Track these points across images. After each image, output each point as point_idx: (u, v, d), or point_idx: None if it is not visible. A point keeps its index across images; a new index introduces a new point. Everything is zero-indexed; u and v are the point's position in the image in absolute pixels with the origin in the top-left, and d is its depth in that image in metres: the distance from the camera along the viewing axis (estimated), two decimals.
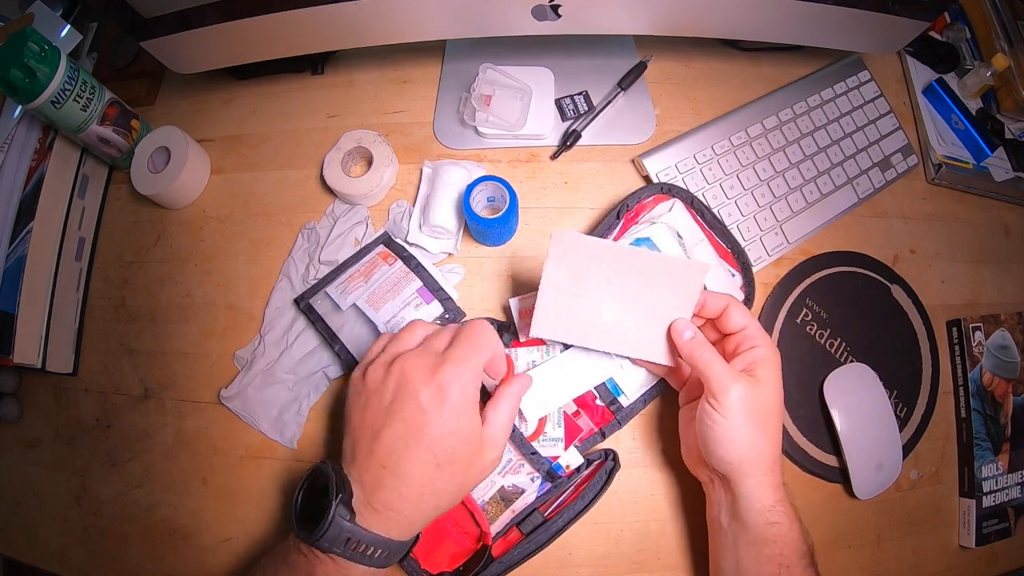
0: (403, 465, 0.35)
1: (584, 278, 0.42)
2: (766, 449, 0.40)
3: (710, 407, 0.40)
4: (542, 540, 0.45)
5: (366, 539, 0.34)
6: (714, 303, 0.43)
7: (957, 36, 0.68)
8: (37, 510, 0.55)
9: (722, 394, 0.39)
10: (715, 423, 0.39)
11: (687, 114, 0.61)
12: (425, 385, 0.35)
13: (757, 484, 0.39)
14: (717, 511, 0.43)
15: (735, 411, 0.39)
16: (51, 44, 0.51)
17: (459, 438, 0.35)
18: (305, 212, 0.58)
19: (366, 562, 0.35)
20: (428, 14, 0.50)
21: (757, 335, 0.41)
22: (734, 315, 0.42)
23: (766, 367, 0.40)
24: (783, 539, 0.39)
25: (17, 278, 0.53)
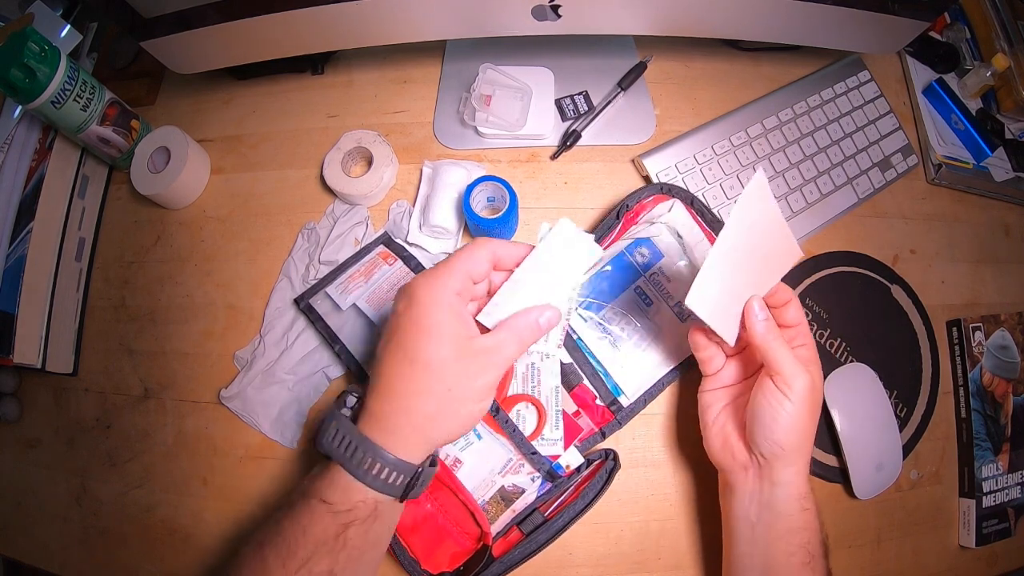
0: (382, 366, 0.36)
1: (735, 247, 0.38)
2: (811, 437, 0.41)
3: (779, 391, 0.39)
4: (542, 540, 0.45)
5: (352, 436, 0.34)
6: (783, 293, 0.43)
7: (957, 36, 0.68)
8: (37, 510, 0.55)
9: (793, 379, 0.39)
10: (781, 406, 0.39)
11: (687, 114, 0.61)
12: (402, 295, 0.37)
13: (798, 472, 0.40)
14: (747, 504, 0.42)
15: (801, 397, 0.39)
16: (51, 44, 0.51)
17: (429, 335, 0.35)
18: (305, 212, 0.58)
19: (356, 471, 0.34)
20: (428, 14, 0.50)
21: (807, 336, 0.42)
22: (792, 310, 0.42)
23: (813, 366, 0.41)
24: (811, 526, 0.40)
25: (17, 278, 0.53)
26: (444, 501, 0.47)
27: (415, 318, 0.35)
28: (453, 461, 0.47)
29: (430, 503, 0.47)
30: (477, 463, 0.47)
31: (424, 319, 0.35)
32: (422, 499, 0.47)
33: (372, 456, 0.34)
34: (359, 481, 0.34)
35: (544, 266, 0.40)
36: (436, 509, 0.47)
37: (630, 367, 0.50)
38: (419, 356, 0.35)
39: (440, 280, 0.36)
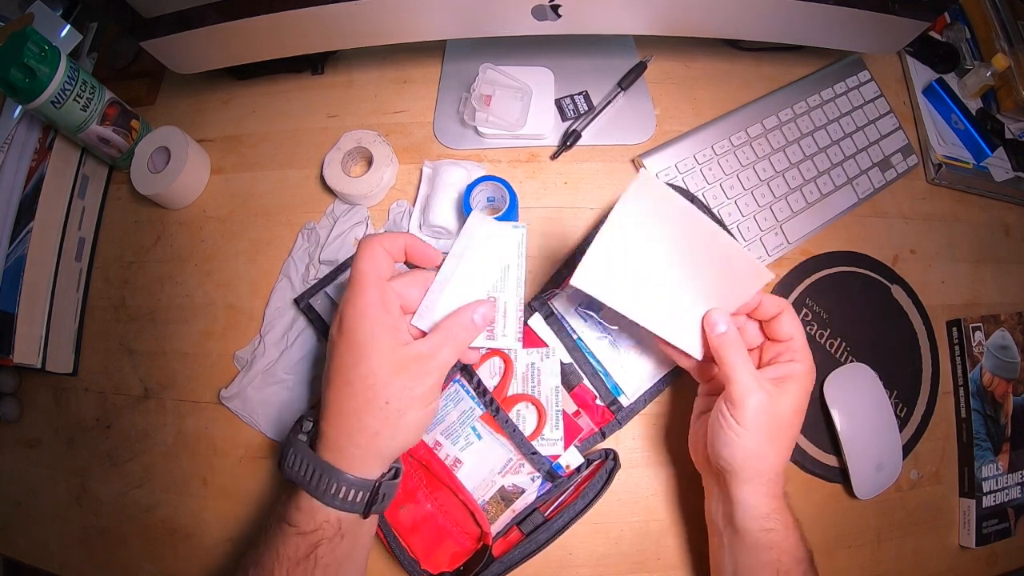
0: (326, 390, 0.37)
1: (648, 237, 0.39)
2: (772, 460, 0.39)
3: (725, 409, 0.39)
4: (542, 540, 0.45)
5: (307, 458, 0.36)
6: (770, 305, 0.41)
7: (957, 36, 0.68)
8: (37, 510, 0.55)
9: (741, 400, 0.38)
10: (727, 425, 0.39)
11: (687, 114, 0.61)
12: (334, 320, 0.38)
13: (754, 491, 0.39)
14: (714, 511, 0.43)
15: (748, 418, 0.38)
16: (51, 44, 0.50)
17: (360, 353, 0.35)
18: (305, 212, 0.58)
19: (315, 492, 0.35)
20: (428, 14, 0.50)
21: (800, 350, 0.41)
22: (785, 322, 0.41)
23: (797, 384, 0.40)
24: (779, 546, 0.38)
25: (17, 278, 0.53)
26: (444, 501, 0.47)
27: (346, 339, 0.36)
28: (453, 461, 0.47)
29: (430, 503, 0.47)
30: (477, 463, 0.47)
31: (353, 338, 0.36)
32: (422, 499, 0.47)
33: (329, 477, 0.35)
34: (320, 502, 0.35)
35: (467, 259, 0.40)
36: (436, 509, 0.47)
37: (630, 367, 0.50)
38: (353, 376, 0.36)
39: (359, 295, 0.36)
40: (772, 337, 0.42)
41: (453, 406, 0.48)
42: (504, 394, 0.49)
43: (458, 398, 0.48)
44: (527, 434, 0.47)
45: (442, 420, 0.48)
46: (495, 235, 0.41)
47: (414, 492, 0.47)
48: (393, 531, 0.45)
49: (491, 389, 0.48)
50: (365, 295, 0.36)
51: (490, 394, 0.47)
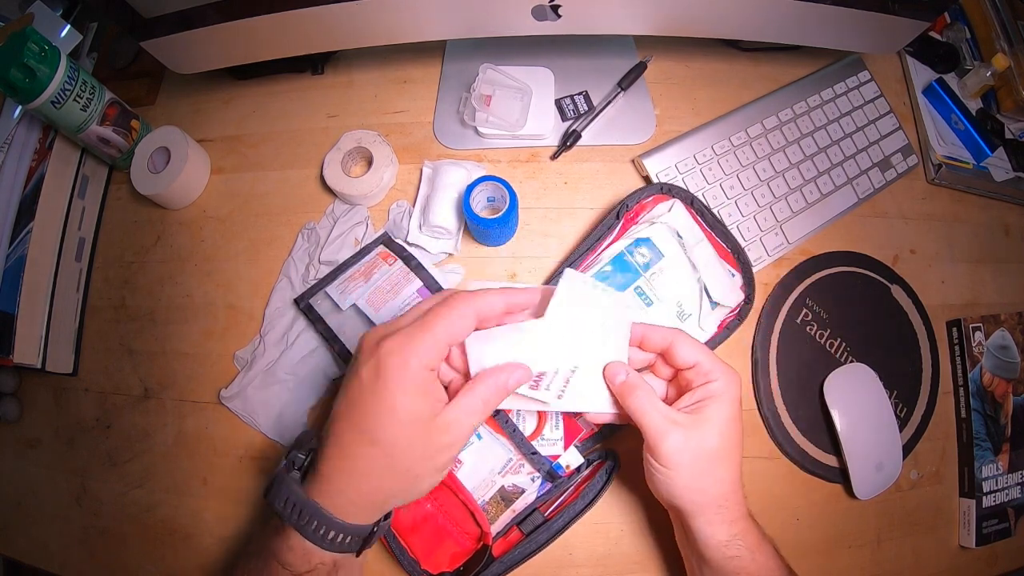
0: (343, 439, 0.34)
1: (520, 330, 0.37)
2: (712, 491, 0.38)
3: (648, 455, 0.38)
4: (542, 540, 0.45)
5: (302, 503, 0.33)
6: (655, 337, 0.39)
7: (957, 36, 0.68)
8: (37, 510, 0.55)
9: (657, 443, 0.37)
10: (655, 471, 0.38)
11: (687, 114, 0.61)
12: (369, 358, 0.33)
13: (707, 522, 0.38)
14: (681, 542, 0.43)
15: (672, 460, 0.37)
16: (51, 44, 0.51)
17: (396, 417, 0.32)
18: (305, 212, 0.58)
19: (312, 537, 0.33)
20: (428, 14, 0.50)
21: (712, 367, 0.38)
22: (681, 350, 0.39)
23: (717, 403, 0.37)
24: (745, 570, 0.37)
25: (17, 278, 0.53)
26: (444, 501, 0.47)
27: (380, 395, 0.32)
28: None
29: (430, 503, 0.47)
30: (477, 463, 0.47)
31: (391, 399, 0.32)
32: (422, 499, 0.47)
33: (326, 524, 0.33)
34: (315, 545, 0.33)
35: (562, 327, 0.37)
36: (436, 509, 0.47)
37: None
38: (380, 439, 0.33)
39: (415, 350, 0.33)
40: (676, 367, 0.40)
41: None
42: None
43: None
44: (527, 434, 0.47)
45: None
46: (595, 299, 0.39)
47: None
48: (393, 531, 0.45)
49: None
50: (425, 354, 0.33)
51: None
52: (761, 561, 0.38)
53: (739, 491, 0.39)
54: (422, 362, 0.33)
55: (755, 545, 0.38)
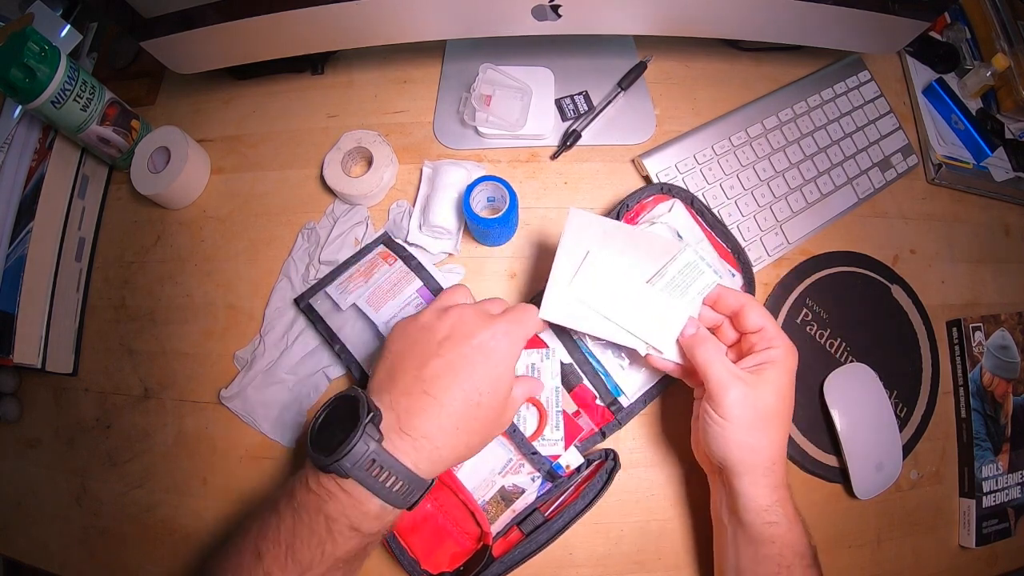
0: (449, 393, 0.36)
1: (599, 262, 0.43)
2: (763, 450, 0.40)
3: (708, 406, 0.40)
4: (542, 540, 0.45)
5: (388, 464, 0.33)
6: (730, 299, 0.43)
7: (957, 36, 0.68)
8: (37, 510, 0.55)
9: (719, 395, 0.39)
10: (713, 422, 0.40)
11: (687, 114, 0.61)
12: (484, 329, 0.37)
13: (752, 483, 0.39)
14: (718, 505, 0.43)
15: (731, 413, 0.39)
16: (51, 44, 0.50)
17: (498, 385, 0.37)
18: (305, 212, 0.58)
19: (384, 494, 0.34)
20: (428, 14, 0.50)
21: (775, 336, 0.41)
22: (751, 314, 0.42)
23: (776, 368, 0.40)
24: (781, 539, 0.39)
25: (17, 278, 0.53)
26: (444, 501, 0.47)
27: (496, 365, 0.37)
28: None
29: (430, 503, 0.47)
30: (477, 463, 0.47)
31: (500, 370, 0.37)
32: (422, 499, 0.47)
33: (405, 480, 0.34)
34: (391, 505, 0.35)
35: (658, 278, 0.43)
36: (436, 509, 0.47)
37: (630, 367, 0.50)
38: (488, 402, 0.37)
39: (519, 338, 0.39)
40: (742, 330, 0.43)
41: None
42: None
43: None
44: (527, 434, 0.47)
45: None
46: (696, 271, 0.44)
47: None
48: (393, 531, 0.45)
49: None
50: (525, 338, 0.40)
51: None
52: (795, 535, 0.39)
53: (784, 460, 0.41)
54: (520, 349, 0.39)
55: (792, 516, 0.40)
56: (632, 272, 0.43)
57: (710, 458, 0.42)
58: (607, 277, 0.43)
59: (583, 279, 0.43)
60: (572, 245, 0.44)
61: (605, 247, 0.44)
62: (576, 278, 0.43)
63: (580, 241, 0.44)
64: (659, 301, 0.43)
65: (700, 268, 0.43)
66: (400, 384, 0.36)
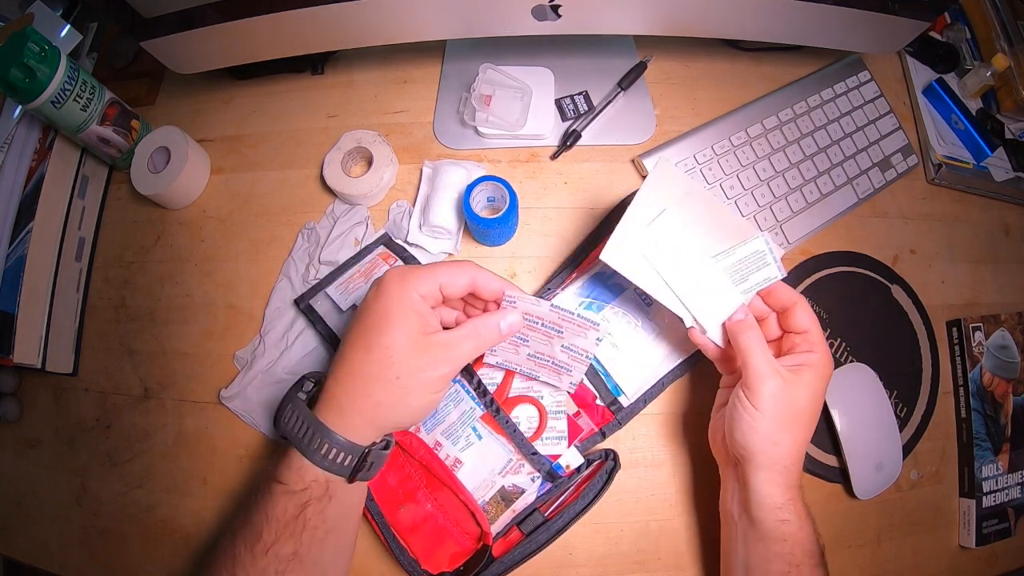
0: (342, 350, 0.38)
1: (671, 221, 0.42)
2: (787, 447, 0.40)
3: (742, 394, 0.40)
4: (542, 540, 0.45)
5: (303, 417, 0.36)
6: (783, 295, 0.43)
7: (957, 36, 0.68)
8: (37, 510, 0.55)
9: (756, 383, 0.39)
10: (743, 409, 0.40)
11: (687, 114, 0.61)
12: (373, 286, 0.39)
13: (768, 479, 0.39)
14: (729, 500, 0.43)
15: (765, 403, 0.39)
16: (51, 44, 0.50)
17: (387, 324, 0.37)
18: (305, 212, 0.58)
19: (306, 451, 0.36)
20: (428, 14, 0.50)
21: (817, 341, 0.41)
22: (800, 315, 0.42)
23: (813, 372, 0.40)
24: (792, 538, 0.39)
25: (17, 278, 0.53)
26: (444, 501, 0.47)
27: (379, 308, 0.37)
28: (453, 461, 0.47)
29: (430, 503, 0.47)
30: (477, 463, 0.47)
31: (385, 309, 0.37)
32: (422, 499, 0.47)
33: (321, 437, 0.36)
34: (309, 460, 0.36)
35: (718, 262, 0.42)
36: (436, 509, 0.47)
37: (630, 367, 0.50)
38: (374, 343, 0.37)
39: (411, 279, 0.38)
40: (788, 329, 0.43)
41: (454, 406, 0.48)
42: (505, 395, 0.49)
43: (459, 398, 0.48)
44: (527, 435, 0.47)
45: (442, 420, 0.48)
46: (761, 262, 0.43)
47: (414, 492, 0.47)
48: (393, 531, 0.45)
49: (491, 390, 0.48)
50: (419, 282, 0.38)
51: (491, 395, 0.47)
52: (805, 534, 0.39)
53: (801, 463, 0.41)
54: (416, 288, 0.38)
55: (803, 516, 0.40)
56: (701, 243, 0.43)
57: (730, 448, 0.42)
58: (675, 240, 0.42)
59: (652, 234, 0.42)
60: (651, 196, 0.43)
61: (682, 208, 0.43)
62: (646, 230, 0.42)
63: (660, 194, 0.43)
64: (718, 280, 0.42)
65: (767, 259, 0.42)
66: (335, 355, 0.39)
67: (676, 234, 0.43)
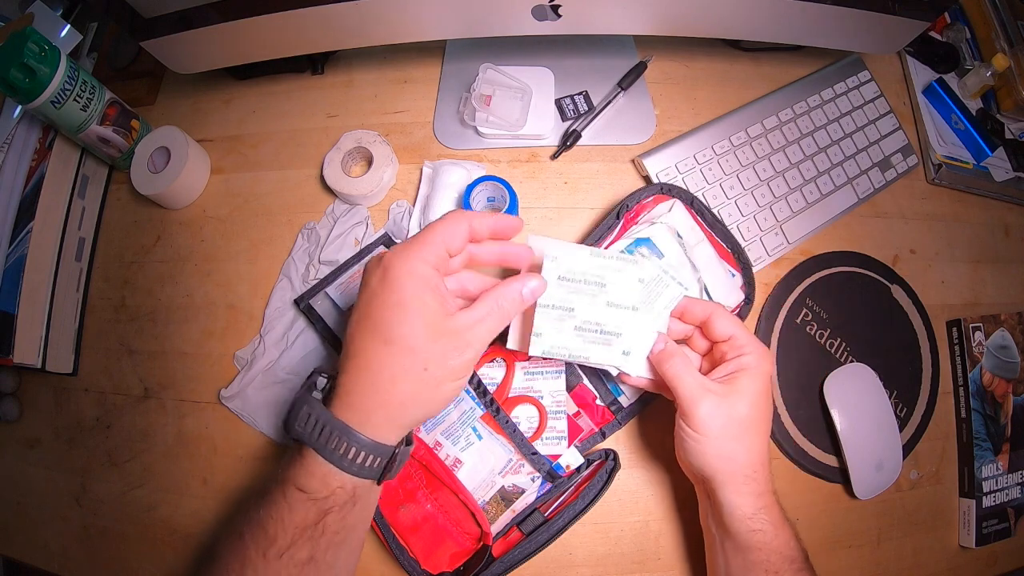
0: (355, 344, 0.34)
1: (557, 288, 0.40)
2: (742, 459, 0.39)
3: (681, 421, 0.40)
4: (542, 540, 0.45)
5: (324, 420, 0.33)
6: (695, 310, 0.42)
7: (957, 36, 0.68)
8: (37, 510, 0.55)
9: (690, 409, 0.39)
10: (687, 436, 0.39)
11: (687, 114, 0.61)
12: (376, 268, 0.35)
13: (735, 492, 0.39)
14: (705, 514, 0.43)
15: (704, 426, 0.38)
16: (51, 44, 0.50)
17: (406, 313, 0.33)
18: (305, 212, 0.58)
19: (321, 449, 0.33)
20: (428, 14, 0.50)
21: (747, 342, 0.40)
22: (719, 323, 0.41)
23: (749, 376, 0.39)
24: (768, 546, 0.38)
25: (17, 278, 0.53)
26: (444, 501, 0.47)
27: (389, 294, 0.34)
28: (453, 461, 0.47)
29: (430, 503, 0.47)
30: (477, 463, 0.47)
31: (398, 294, 0.33)
32: (422, 499, 0.47)
33: (348, 440, 0.33)
34: (335, 466, 0.33)
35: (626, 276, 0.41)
36: (436, 509, 0.47)
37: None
38: (394, 336, 0.33)
39: (416, 252, 0.34)
40: (713, 340, 0.42)
41: (454, 406, 0.48)
42: (505, 395, 0.49)
43: (459, 398, 0.48)
44: (528, 435, 0.47)
45: (442, 420, 0.48)
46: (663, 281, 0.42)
47: (414, 492, 0.47)
48: (393, 531, 0.45)
49: (492, 390, 0.48)
50: (425, 253, 0.34)
51: (491, 395, 0.48)
52: (781, 540, 0.39)
53: (767, 466, 0.40)
54: (425, 260, 0.34)
55: (778, 522, 0.39)
56: (594, 291, 0.41)
57: (691, 471, 0.42)
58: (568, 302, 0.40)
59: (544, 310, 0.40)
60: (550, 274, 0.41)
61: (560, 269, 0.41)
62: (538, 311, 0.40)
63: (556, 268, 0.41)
64: (625, 320, 0.41)
65: (665, 281, 0.42)
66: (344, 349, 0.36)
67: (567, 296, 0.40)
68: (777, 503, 0.40)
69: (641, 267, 0.41)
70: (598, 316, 0.41)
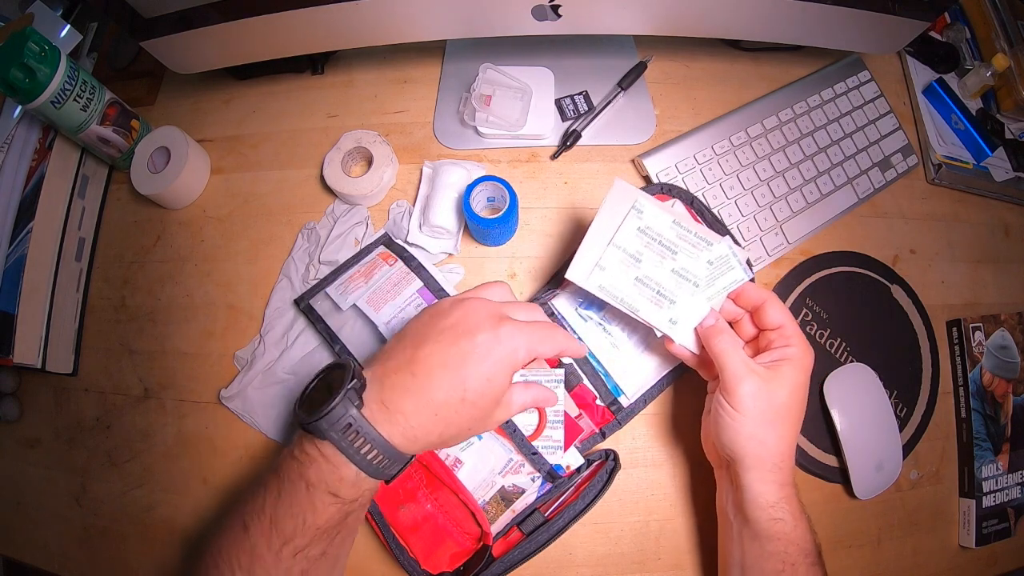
0: (433, 379, 0.35)
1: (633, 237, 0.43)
2: (773, 445, 0.40)
3: (722, 397, 0.40)
4: (542, 540, 0.45)
5: (364, 431, 0.33)
6: (752, 294, 0.43)
7: (957, 36, 0.68)
8: (37, 510, 0.55)
9: (734, 386, 0.39)
10: (725, 413, 0.40)
11: (687, 114, 0.61)
12: (487, 329, 0.36)
13: (760, 479, 0.39)
14: (724, 500, 0.43)
15: (745, 405, 0.39)
16: (51, 44, 0.50)
17: (489, 386, 0.36)
18: (305, 212, 0.58)
19: (358, 460, 0.34)
20: (428, 14, 0.50)
21: (793, 334, 0.41)
22: (772, 311, 0.42)
23: (791, 366, 0.40)
24: (787, 537, 0.39)
25: (17, 278, 0.53)
26: (444, 501, 0.47)
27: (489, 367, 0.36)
28: (453, 461, 0.47)
29: (430, 503, 0.47)
30: (477, 463, 0.47)
31: (493, 371, 0.36)
32: (422, 499, 0.47)
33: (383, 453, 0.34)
34: (369, 475, 0.34)
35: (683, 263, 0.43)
36: (436, 509, 0.47)
37: (630, 367, 0.50)
38: (473, 399, 0.36)
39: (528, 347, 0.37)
40: (762, 327, 0.43)
41: None
42: None
43: None
44: (527, 435, 0.47)
45: None
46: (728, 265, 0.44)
47: (414, 492, 0.47)
48: (393, 531, 0.45)
49: None
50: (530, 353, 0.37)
51: None
52: (799, 532, 0.39)
53: (792, 458, 0.41)
54: (524, 356, 0.37)
55: (797, 514, 0.40)
56: (664, 253, 0.43)
57: (719, 451, 0.42)
58: (638, 253, 0.43)
59: (615, 250, 0.43)
60: (610, 214, 0.44)
61: (642, 222, 0.44)
62: (608, 248, 0.43)
63: (619, 212, 0.44)
64: (685, 288, 0.43)
65: (731, 263, 0.43)
66: (393, 360, 0.36)
67: (639, 248, 0.43)
68: (797, 496, 0.41)
69: (712, 250, 0.43)
70: (661, 277, 0.43)
